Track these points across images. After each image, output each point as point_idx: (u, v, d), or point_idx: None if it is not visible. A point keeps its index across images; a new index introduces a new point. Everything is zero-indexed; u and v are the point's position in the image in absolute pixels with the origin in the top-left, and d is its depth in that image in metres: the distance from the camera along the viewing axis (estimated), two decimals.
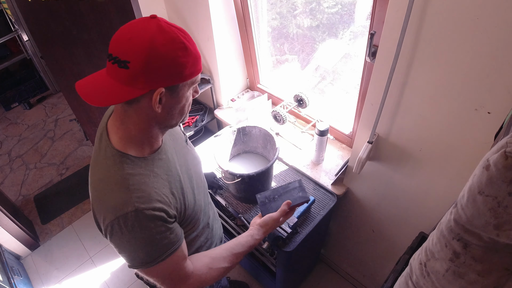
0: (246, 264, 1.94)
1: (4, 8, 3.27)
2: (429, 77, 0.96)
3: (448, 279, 0.62)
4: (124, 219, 0.72)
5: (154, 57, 0.66)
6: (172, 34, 0.67)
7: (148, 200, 0.75)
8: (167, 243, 0.79)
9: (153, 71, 0.67)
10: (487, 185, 0.50)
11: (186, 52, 0.69)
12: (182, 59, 0.69)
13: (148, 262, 0.78)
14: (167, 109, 0.75)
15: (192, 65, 0.71)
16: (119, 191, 0.74)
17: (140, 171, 0.77)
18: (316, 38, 1.57)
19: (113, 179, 0.75)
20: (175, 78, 0.70)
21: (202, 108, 2.12)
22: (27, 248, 2.38)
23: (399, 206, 1.39)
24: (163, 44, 0.66)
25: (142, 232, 0.74)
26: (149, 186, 0.77)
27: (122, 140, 0.78)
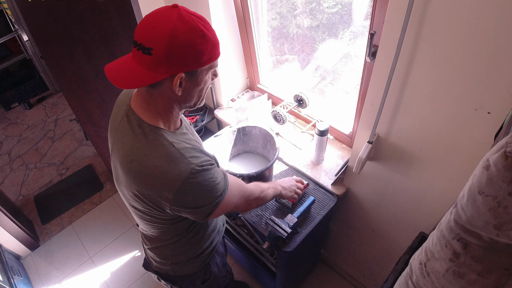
0: (246, 264, 1.94)
1: (4, 8, 3.27)
2: (429, 77, 0.96)
3: (448, 279, 0.62)
4: (190, 180, 0.81)
5: (175, 45, 0.72)
6: (191, 23, 0.73)
7: (199, 157, 0.84)
8: (225, 175, 0.92)
9: (174, 57, 0.73)
10: (487, 185, 0.50)
11: (204, 39, 0.75)
12: (200, 46, 0.74)
13: (222, 195, 0.89)
14: (187, 92, 0.82)
15: (210, 52, 0.77)
16: (174, 159, 0.81)
17: (178, 139, 0.86)
18: (316, 38, 1.57)
19: (162, 151, 0.82)
20: (194, 64, 0.76)
21: (202, 108, 2.12)
22: (27, 248, 2.38)
23: (399, 206, 1.39)
24: (183, 32, 0.72)
25: (207, 181, 0.84)
26: (192, 147, 0.86)
27: (152, 118, 0.84)
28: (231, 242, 1.81)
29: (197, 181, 0.82)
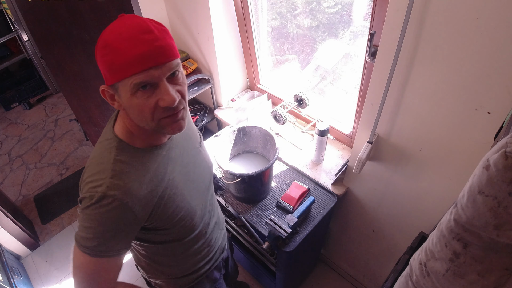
0: (246, 264, 1.94)
1: (4, 8, 3.27)
2: (429, 77, 0.96)
3: (448, 279, 0.62)
4: (93, 198, 0.72)
5: (96, 55, 0.69)
6: (103, 32, 0.68)
7: (123, 190, 0.74)
8: (111, 245, 0.76)
9: (101, 69, 0.70)
10: (487, 185, 0.50)
11: (105, 50, 0.67)
12: (104, 57, 0.67)
13: (85, 246, 0.74)
14: (125, 108, 0.74)
15: (116, 63, 0.66)
16: (101, 172, 0.75)
17: (129, 160, 0.77)
18: (316, 38, 1.57)
19: (102, 160, 0.77)
20: (107, 77, 0.70)
21: (202, 108, 2.12)
22: (27, 248, 2.38)
23: (399, 206, 1.39)
24: (97, 44, 0.69)
25: (101, 216, 0.73)
26: (131, 177, 0.76)
27: (122, 128, 0.79)
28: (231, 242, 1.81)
29: (96, 205, 0.72)
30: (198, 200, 0.96)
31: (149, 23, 0.68)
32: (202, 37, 1.78)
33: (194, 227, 0.96)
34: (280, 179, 1.57)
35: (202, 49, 1.85)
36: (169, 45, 0.69)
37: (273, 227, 1.30)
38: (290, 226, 1.30)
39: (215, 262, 1.16)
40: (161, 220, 0.84)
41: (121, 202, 0.73)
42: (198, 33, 1.79)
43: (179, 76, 0.73)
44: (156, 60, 0.66)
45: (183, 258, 1.04)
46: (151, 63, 0.66)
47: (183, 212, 0.89)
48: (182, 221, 0.90)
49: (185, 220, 0.91)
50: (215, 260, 1.16)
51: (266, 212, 1.45)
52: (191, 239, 0.99)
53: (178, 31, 1.94)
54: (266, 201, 1.49)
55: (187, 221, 0.92)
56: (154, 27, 0.68)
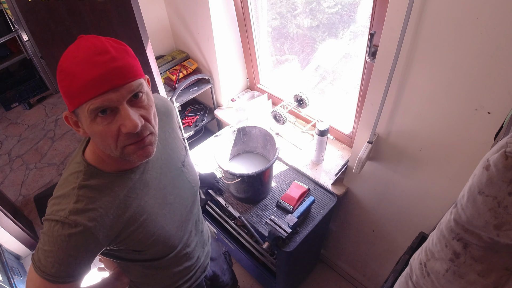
0: (247, 264, 1.94)
1: (4, 8, 3.27)
2: (429, 77, 0.96)
3: (448, 279, 0.62)
4: (55, 221, 0.70)
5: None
6: (62, 56, 0.65)
7: (85, 216, 0.71)
8: (70, 270, 0.73)
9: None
10: (487, 185, 0.50)
11: (62, 75, 0.64)
12: (61, 82, 0.64)
13: (44, 272, 0.71)
14: (90, 135, 0.70)
15: (72, 89, 0.62)
16: (66, 196, 0.72)
17: (95, 185, 0.74)
18: (316, 38, 1.57)
19: (68, 184, 0.74)
20: (67, 103, 0.66)
21: (202, 108, 2.12)
22: (27, 248, 2.38)
23: (399, 206, 1.39)
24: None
25: (62, 240, 0.70)
26: (96, 203, 0.72)
27: (92, 152, 0.76)
28: (231, 242, 1.80)
29: (57, 229, 0.70)
30: (176, 222, 0.92)
31: (106, 43, 0.64)
32: (202, 37, 1.78)
33: (170, 248, 0.93)
34: (280, 179, 1.57)
35: (202, 49, 1.85)
36: (128, 65, 0.65)
37: (273, 227, 1.30)
38: (290, 226, 1.30)
39: (196, 280, 1.13)
40: (130, 244, 0.81)
41: (84, 228, 0.70)
42: (198, 33, 1.79)
43: (143, 98, 0.68)
44: (112, 82, 0.62)
45: (161, 276, 1.01)
46: (107, 86, 0.61)
47: (155, 236, 0.85)
48: (155, 244, 0.87)
49: (159, 244, 0.88)
50: (195, 279, 1.12)
51: (266, 212, 1.45)
52: (169, 259, 0.95)
53: (178, 31, 1.94)
54: (266, 201, 1.49)
55: (160, 244, 0.88)
56: (112, 47, 0.64)
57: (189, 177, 0.97)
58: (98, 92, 0.61)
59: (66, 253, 0.71)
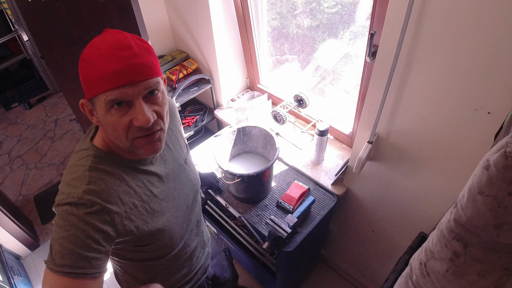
0: (247, 264, 1.94)
1: (4, 8, 3.27)
2: (429, 77, 0.96)
3: (448, 279, 0.62)
4: (65, 204, 0.70)
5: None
6: (86, 46, 0.67)
7: (100, 196, 0.71)
8: (87, 258, 0.68)
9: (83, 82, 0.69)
10: (487, 185, 0.50)
11: (83, 63, 0.66)
12: (82, 71, 0.67)
13: (57, 265, 0.67)
14: (102, 124, 0.72)
15: (92, 79, 0.65)
16: (77, 179, 0.72)
17: (106, 168, 0.74)
18: (316, 38, 1.57)
19: (77, 168, 0.74)
20: (85, 91, 0.69)
21: (202, 108, 2.12)
22: (27, 248, 2.38)
23: (399, 206, 1.39)
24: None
25: (76, 222, 0.68)
26: (108, 184, 0.73)
27: (102, 140, 0.77)
28: (231, 242, 1.80)
29: (70, 212, 0.69)
30: (179, 218, 0.93)
31: (131, 40, 0.66)
32: (202, 37, 1.78)
33: (173, 245, 0.94)
34: (280, 179, 1.58)
35: (202, 49, 1.85)
36: (148, 63, 0.67)
37: (273, 227, 1.30)
38: (290, 226, 1.30)
39: (197, 282, 1.13)
40: (136, 236, 0.80)
41: (100, 207, 0.70)
42: (198, 33, 1.79)
43: (158, 95, 0.71)
44: (131, 78, 0.64)
45: (162, 276, 1.00)
46: (125, 80, 0.64)
47: (160, 229, 0.85)
48: (159, 238, 0.87)
49: (163, 238, 0.88)
50: (196, 280, 1.12)
51: (266, 212, 1.45)
52: (170, 257, 0.96)
53: (178, 31, 1.94)
54: (266, 201, 1.49)
55: (164, 238, 0.88)
56: (135, 44, 0.66)
57: (191, 174, 0.98)
58: (116, 85, 0.64)
59: (84, 235, 0.68)
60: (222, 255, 1.45)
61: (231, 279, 1.48)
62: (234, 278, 1.54)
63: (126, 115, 0.68)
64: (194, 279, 1.11)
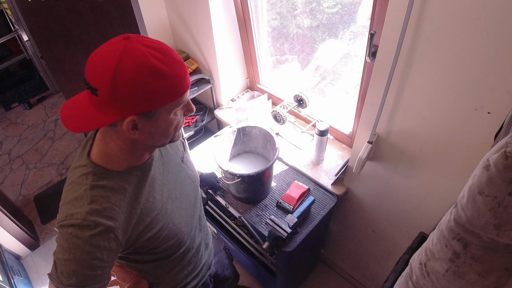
0: (246, 264, 1.94)
1: (4, 8, 3.27)
2: (429, 77, 0.96)
3: (448, 279, 0.62)
4: (70, 226, 0.70)
5: (119, 85, 0.61)
6: (140, 58, 0.61)
7: (103, 215, 0.71)
8: (94, 276, 0.72)
9: (120, 99, 0.63)
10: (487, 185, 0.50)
11: (158, 76, 0.63)
12: (152, 85, 0.62)
13: (63, 284, 0.70)
14: (146, 134, 0.71)
15: (168, 89, 0.65)
16: (79, 199, 0.72)
17: (106, 184, 0.74)
18: (316, 38, 1.57)
19: (78, 187, 0.74)
20: (147, 105, 0.65)
21: (202, 108, 2.12)
22: (27, 248, 2.38)
23: (399, 206, 1.39)
24: (130, 70, 0.61)
25: (81, 245, 0.69)
26: (110, 201, 0.73)
27: (100, 153, 0.76)
28: (231, 242, 1.81)
29: (74, 233, 0.69)
30: (183, 217, 0.95)
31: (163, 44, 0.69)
32: (202, 37, 1.78)
33: (180, 244, 0.95)
34: (280, 179, 1.57)
35: (202, 49, 1.85)
36: None
37: (273, 227, 1.30)
38: (290, 226, 1.30)
39: (202, 278, 1.15)
40: (144, 241, 0.82)
41: (104, 227, 0.71)
42: (198, 33, 1.79)
43: None
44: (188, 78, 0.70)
45: (170, 275, 1.02)
46: (189, 81, 0.70)
47: (166, 231, 0.87)
48: (167, 240, 0.88)
49: (171, 239, 0.89)
50: (202, 276, 1.14)
51: (266, 212, 1.45)
52: (178, 255, 0.98)
53: (178, 31, 1.94)
54: (266, 201, 1.49)
55: (172, 239, 0.90)
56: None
57: (189, 172, 0.99)
58: (188, 88, 0.69)
59: (90, 256, 0.70)
60: (222, 253, 1.47)
61: (232, 277, 1.50)
62: (235, 277, 1.55)
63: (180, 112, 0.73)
64: (200, 275, 1.13)
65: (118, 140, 0.73)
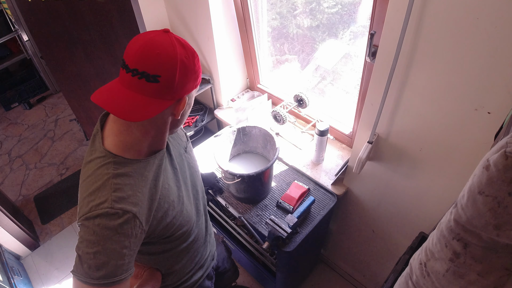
0: (246, 264, 1.94)
1: (4, 8, 3.27)
2: (429, 77, 0.96)
3: (448, 279, 0.62)
4: (96, 216, 0.70)
5: (183, 70, 0.71)
6: (189, 47, 0.74)
7: (129, 202, 0.72)
8: (122, 265, 0.72)
9: (182, 82, 0.72)
10: (487, 185, 0.50)
11: (199, 62, 0.76)
12: (197, 68, 0.76)
13: (93, 278, 0.69)
14: (181, 115, 0.81)
15: (200, 73, 0.78)
16: (102, 189, 0.72)
17: (128, 172, 0.75)
18: (316, 38, 1.57)
19: (99, 177, 0.74)
20: (193, 86, 0.77)
21: (202, 108, 2.12)
22: (27, 248, 2.38)
23: (399, 206, 1.39)
24: (187, 57, 0.72)
25: (111, 235, 0.70)
26: (133, 188, 0.74)
27: (118, 144, 0.76)
28: (231, 242, 1.81)
29: (100, 223, 0.69)
30: (192, 204, 0.98)
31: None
32: (202, 37, 1.78)
33: (191, 232, 0.97)
34: (280, 179, 1.57)
35: (202, 49, 1.85)
36: None
37: (273, 227, 1.30)
38: (290, 226, 1.30)
39: (207, 269, 1.17)
40: (162, 229, 0.84)
41: (132, 214, 0.72)
42: (198, 33, 1.79)
43: None
44: None
45: (180, 265, 1.03)
46: None
47: (181, 218, 0.89)
48: (181, 227, 0.90)
49: (184, 225, 0.91)
50: (207, 267, 1.17)
51: (266, 212, 1.45)
52: (188, 245, 0.99)
53: (178, 31, 1.94)
54: (266, 201, 1.49)
55: (184, 226, 0.92)
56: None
57: (191, 162, 1.03)
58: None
59: (120, 246, 0.71)
60: (222, 246, 1.49)
61: (232, 270, 1.51)
62: (235, 270, 1.57)
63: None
64: (205, 265, 1.15)
65: (150, 126, 0.77)
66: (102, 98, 0.72)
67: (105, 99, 0.71)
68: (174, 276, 1.05)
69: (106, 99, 0.71)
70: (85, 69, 1.84)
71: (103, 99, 0.71)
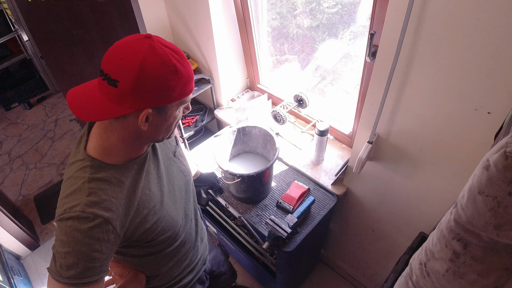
0: (247, 264, 1.94)
1: (4, 8, 3.27)
2: (429, 77, 0.96)
3: (448, 279, 0.62)
4: (68, 218, 0.71)
5: (143, 79, 0.66)
6: (164, 57, 0.67)
7: (101, 207, 0.72)
8: (93, 267, 0.73)
9: (141, 92, 0.67)
10: (487, 185, 0.50)
11: (176, 75, 0.69)
12: (171, 82, 0.69)
13: (63, 277, 0.71)
14: (154, 127, 0.75)
15: (182, 87, 0.72)
16: (77, 192, 0.73)
17: (104, 177, 0.75)
18: (316, 38, 1.57)
19: (76, 180, 0.75)
20: (163, 100, 0.71)
21: (202, 108, 2.12)
22: (27, 248, 2.38)
23: (399, 206, 1.39)
24: (153, 67, 0.66)
25: (82, 235, 0.71)
26: (108, 193, 0.74)
27: (98, 147, 0.77)
28: (231, 242, 1.81)
29: (73, 226, 0.70)
30: (178, 209, 0.97)
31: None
32: (202, 37, 1.78)
33: (176, 236, 0.96)
34: (280, 179, 1.57)
35: (202, 49, 1.85)
36: None
37: (273, 227, 1.30)
38: (290, 226, 1.30)
39: (198, 273, 1.17)
40: (142, 234, 0.84)
41: (103, 219, 0.72)
42: (198, 33, 1.79)
43: None
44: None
45: (167, 269, 1.03)
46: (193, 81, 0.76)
47: (163, 223, 0.88)
48: (164, 232, 0.90)
49: (167, 231, 0.91)
50: (197, 271, 1.16)
51: (266, 212, 1.45)
52: (174, 249, 0.99)
53: (178, 31, 1.94)
54: (266, 201, 1.49)
55: (168, 231, 0.91)
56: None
57: (181, 166, 1.01)
58: (193, 87, 0.75)
59: (89, 249, 0.72)
60: (218, 250, 1.48)
61: (228, 273, 1.51)
62: (232, 273, 1.56)
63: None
64: (195, 269, 1.14)
65: (123, 132, 0.75)
66: (74, 92, 0.74)
67: (74, 95, 0.73)
68: (160, 279, 1.05)
69: (75, 95, 0.73)
70: (85, 69, 1.83)
71: (74, 94, 0.73)
